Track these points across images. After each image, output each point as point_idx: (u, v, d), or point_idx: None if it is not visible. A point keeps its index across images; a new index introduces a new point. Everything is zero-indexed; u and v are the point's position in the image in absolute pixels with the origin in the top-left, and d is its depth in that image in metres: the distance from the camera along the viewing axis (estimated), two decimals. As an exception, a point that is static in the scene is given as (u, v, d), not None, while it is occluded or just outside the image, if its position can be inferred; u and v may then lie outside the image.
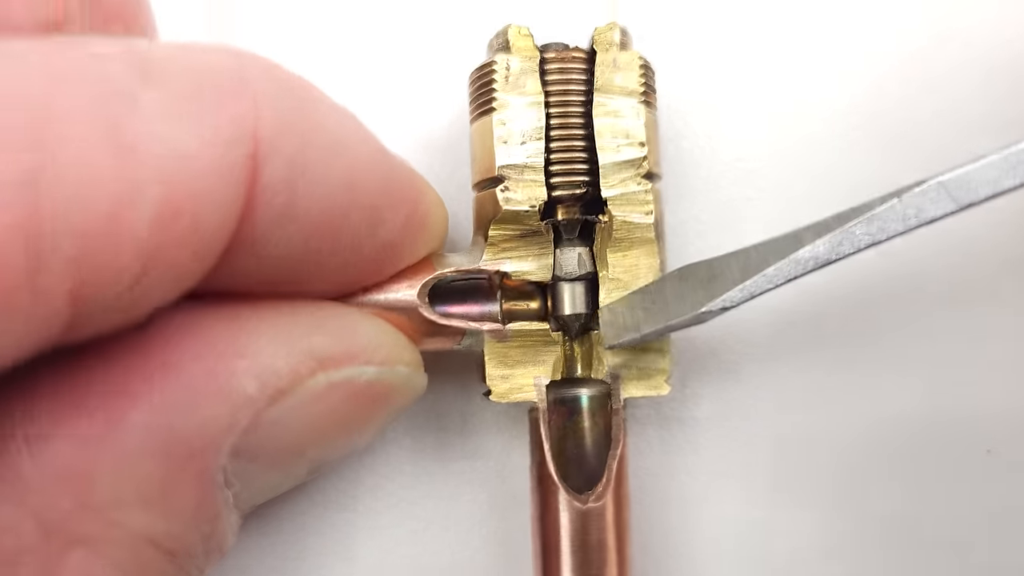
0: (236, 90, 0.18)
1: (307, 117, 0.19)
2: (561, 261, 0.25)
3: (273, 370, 0.20)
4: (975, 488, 0.28)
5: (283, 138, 0.18)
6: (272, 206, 0.18)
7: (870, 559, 0.28)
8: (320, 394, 0.21)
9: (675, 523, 0.28)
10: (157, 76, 0.17)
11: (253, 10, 0.29)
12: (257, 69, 0.19)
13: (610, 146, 0.24)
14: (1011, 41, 0.28)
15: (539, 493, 0.25)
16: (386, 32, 0.29)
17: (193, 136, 0.17)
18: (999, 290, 0.28)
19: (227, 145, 0.17)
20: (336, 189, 0.20)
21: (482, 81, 0.25)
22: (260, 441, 0.20)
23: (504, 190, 0.24)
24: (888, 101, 0.29)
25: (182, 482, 0.19)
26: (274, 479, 0.21)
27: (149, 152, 0.16)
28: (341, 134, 0.20)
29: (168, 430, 0.19)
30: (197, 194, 0.17)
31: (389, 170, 0.21)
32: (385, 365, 0.22)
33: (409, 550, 0.28)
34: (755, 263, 0.22)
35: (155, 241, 0.16)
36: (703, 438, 0.28)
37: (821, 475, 0.28)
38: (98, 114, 0.16)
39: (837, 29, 0.29)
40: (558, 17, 0.29)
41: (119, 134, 0.16)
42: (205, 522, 0.20)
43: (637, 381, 0.25)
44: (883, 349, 0.28)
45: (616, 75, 0.24)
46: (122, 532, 0.18)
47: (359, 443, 0.23)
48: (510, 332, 0.24)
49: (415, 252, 0.23)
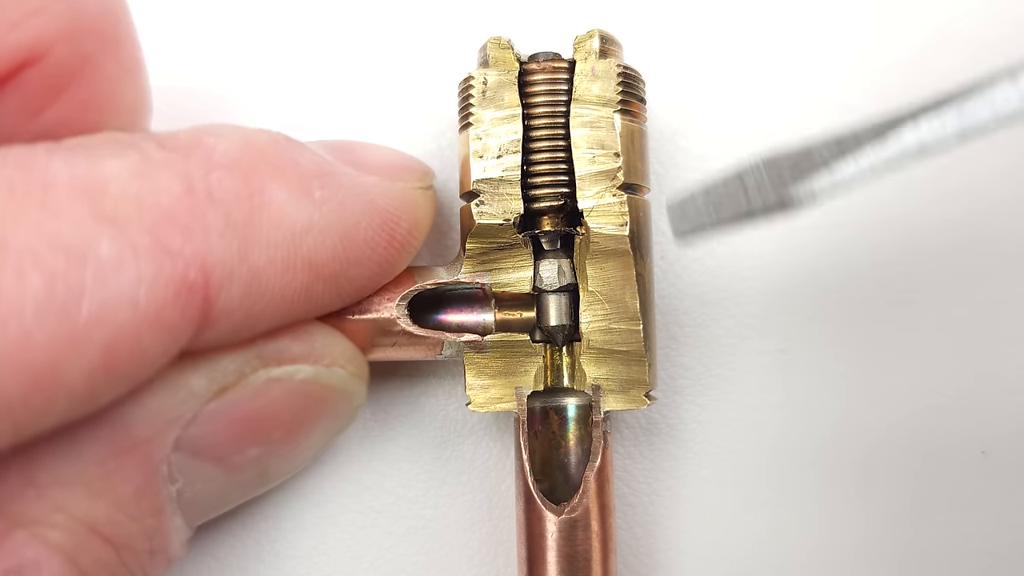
0: (186, 227, 0.18)
1: (260, 223, 0.20)
2: (542, 273, 0.25)
3: (221, 368, 0.21)
4: (970, 489, 0.27)
5: (236, 262, 0.19)
6: (230, 321, 0.19)
7: (859, 563, 0.28)
8: (259, 389, 0.22)
9: (658, 530, 0.28)
10: (110, 219, 0.17)
11: (252, 9, 0.30)
12: (206, 186, 0.19)
13: (586, 157, 0.24)
14: (1009, 38, 0.27)
15: (520, 502, 0.25)
16: (386, 33, 0.29)
17: (142, 292, 0.17)
18: (996, 291, 0.28)
19: (175, 296, 0.18)
20: (296, 280, 0.20)
21: (461, 96, 0.25)
22: (201, 433, 0.21)
23: (479, 204, 0.24)
24: (887, 101, 0.28)
25: (125, 467, 0.20)
26: (218, 480, 0.22)
27: (92, 312, 0.17)
28: (299, 219, 0.20)
29: (114, 418, 0.20)
30: (136, 346, 0.18)
31: (354, 228, 0.22)
32: (323, 367, 0.23)
33: (407, 549, 0.28)
34: (849, 146, 0.20)
35: (88, 389, 0.17)
36: (687, 446, 0.28)
37: (807, 481, 0.28)
38: (47, 275, 0.16)
39: (836, 29, 0.29)
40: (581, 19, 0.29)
41: (67, 295, 0.17)
42: (148, 515, 0.21)
43: (618, 394, 0.25)
44: (873, 354, 0.28)
45: (594, 84, 0.24)
46: (64, 517, 0.19)
47: (303, 451, 0.24)
48: (488, 343, 0.25)
49: (396, 271, 0.24)
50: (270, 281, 0.20)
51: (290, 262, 0.20)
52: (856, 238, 0.28)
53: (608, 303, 0.24)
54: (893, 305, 0.28)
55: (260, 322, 0.21)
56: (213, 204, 0.19)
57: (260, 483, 0.23)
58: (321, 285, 0.21)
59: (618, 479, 0.28)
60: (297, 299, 0.21)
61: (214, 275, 0.19)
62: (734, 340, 0.28)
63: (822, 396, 0.28)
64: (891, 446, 0.28)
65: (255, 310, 0.20)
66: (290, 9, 0.29)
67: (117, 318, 0.17)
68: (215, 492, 0.22)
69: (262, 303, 0.20)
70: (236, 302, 0.19)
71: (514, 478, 0.28)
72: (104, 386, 0.18)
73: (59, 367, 0.17)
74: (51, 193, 0.17)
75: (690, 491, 0.28)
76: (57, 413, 0.17)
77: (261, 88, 0.29)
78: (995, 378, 0.28)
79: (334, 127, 0.29)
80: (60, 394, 0.17)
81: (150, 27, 0.27)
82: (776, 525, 0.28)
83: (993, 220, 0.28)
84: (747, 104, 0.29)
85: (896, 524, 0.28)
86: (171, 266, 0.18)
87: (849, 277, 0.28)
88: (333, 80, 0.29)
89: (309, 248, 0.20)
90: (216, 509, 0.23)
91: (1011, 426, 0.28)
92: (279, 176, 0.20)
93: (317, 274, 0.21)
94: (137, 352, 0.18)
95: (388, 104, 0.29)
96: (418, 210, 0.24)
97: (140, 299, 0.17)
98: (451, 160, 0.29)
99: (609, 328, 0.24)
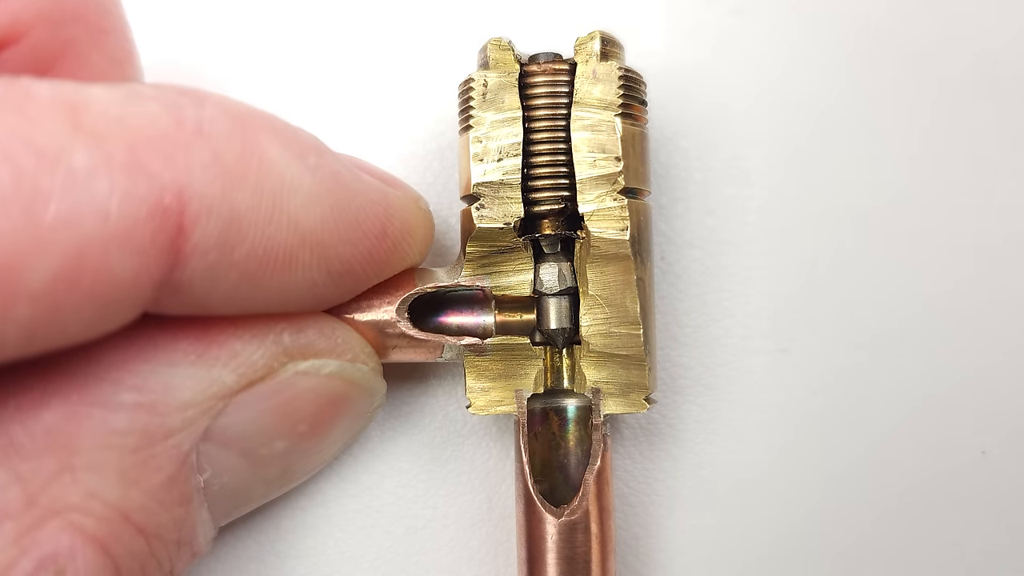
0: (169, 154, 0.18)
1: (249, 168, 0.19)
2: (543, 276, 0.25)
3: (250, 363, 0.21)
4: (970, 489, 0.28)
5: (217, 199, 0.18)
6: (205, 260, 0.19)
7: (860, 563, 0.28)
8: (287, 381, 0.22)
9: (658, 530, 0.28)
10: (89, 132, 0.17)
11: (253, 7, 0.29)
12: (196, 121, 0.19)
13: (587, 161, 0.24)
14: (1012, 43, 0.27)
15: (520, 504, 0.25)
16: (385, 33, 0.29)
17: (113, 205, 0.17)
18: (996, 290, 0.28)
19: (148, 216, 0.18)
20: (279, 235, 0.20)
21: (462, 98, 0.25)
22: (230, 423, 0.21)
23: (479, 208, 0.24)
24: (887, 101, 0.28)
25: (158, 456, 0.20)
26: (244, 473, 0.22)
27: (60, 215, 0.16)
28: (289, 176, 0.20)
29: (150, 410, 0.20)
30: (104, 261, 0.17)
31: (346, 202, 0.21)
32: (347, 362, 0.23)
33: (407, 549, 0.28)
34: None
35: (51, 297, 0.17)
36: (687, 446, 0.28)
37: (807, 481, 0.28)
38: (15, 172, 0.16)
39: (836, 29, 0.28)
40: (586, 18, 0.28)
41: (35, 193, 0.16)
42: (177, 504, 0.21)
43: (618, 397, 0.25)
44: (873, 354, 0.28)
45: (595, 87, 0.24)
46: (98, 504, 0.19)
47: (325, 449, 0.24)
48: (489, 346, 0.25)
49: (390, 270, 0.24)
50: (251, 228, 0.19)
51: (274, 214, 0.20)
52: (856, 238, 0.28)
53: (608, 307, 0.24)
54: (893, 304, 0.28)
55: (242, 279, 0.20)
56: (201, 138, 0.19)
57: (282, 481, 0.24)
58: (307, 253, 0.21)
59: (617, 479, 0.28)
60: (280, 261, 0.20)
61: (191, 205, 0.18)
62: (734, 340, 0.28)
63: (822, 396, 0.28)
64: (891, 446, 0.28)
65: (234, 257, 0.19)
66: (290, 8, 0.29)
67: (84, 226, 0.17)
68: (240, 486, 0.23)
69: (241, 251, 0.19)
70: (212, 240, 0.19)
71: (514, 479, 0.28)
72: (69, 303, 0.17)
73: (21, 263, 0.16)
74: (31, 103, 0.17)
75: (689, 491, 0.28)
76: (17, 322, 0.17)
77: (261, 87, 0.29)
78: (995, 378, 0.28)
79: (334, 127, 0.29)
80: (21, 296, 0.16)
81: (147, 27, 0.27)
82: (776, 525, 0.28)
83: (994, 220, 0.28)
84: (746, 104, 0.29)
85: (896, 524, 0.28)
86: (147, 186, 0.17)
87: (849, 277, 0.28)
88: (333, 79, 0.29)
89: (296, 207, 0.20)
90: (239, 507, 0.23)
91: (1011, 426, 0.28)
92: (276, 134, 0.20)
93: (303, 238, 0.20)
94: (104, 268, 0.17)
95: (388, 104, 0.29)
96: (412, 217, 0.24)
97: (111, 211, 0.17)
98: (451, 160, 0.29)
99: (609, 332, 0.24)
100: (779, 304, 0.28)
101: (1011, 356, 0.28)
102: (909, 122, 0.28)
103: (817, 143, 0.28)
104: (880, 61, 0.28)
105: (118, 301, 0.18)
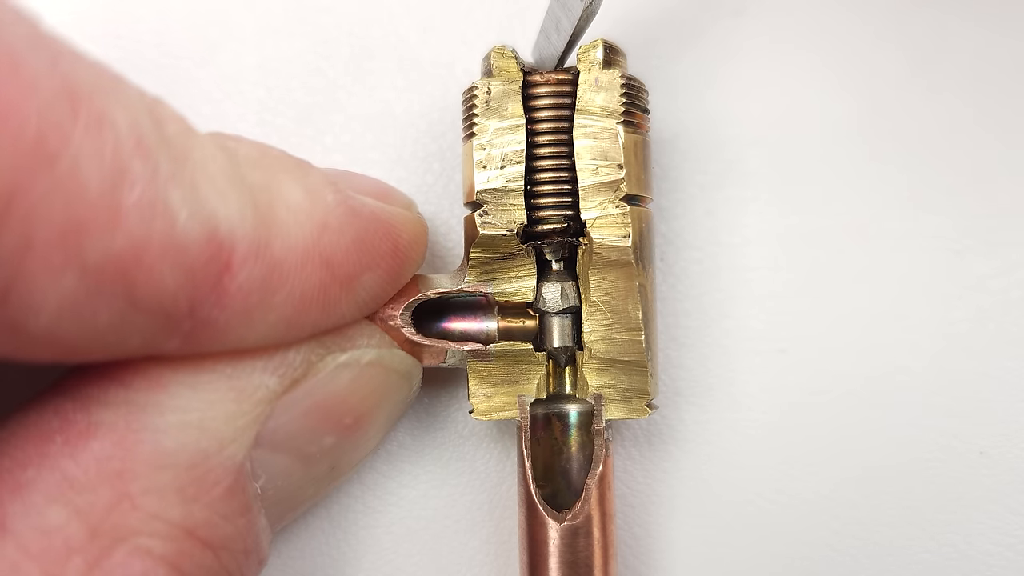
0: (223, 192, 0.19)
1: (277, 212, 0.20)
2: (545, 295, 0.25)
3: (288, 362, 0.22)
4: (970, 489, 0.28)
5: (263, 245, 0.19)
6: (246, 302, 0.19)
7: (860, 563, 0.28)
8: (328, 376, 0.22)
9: (658, 531, 0.28)
10: (172, 146, 0.18)
11: (250, 9, 0.29)
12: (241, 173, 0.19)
13: (589, 168, 0.24)
14: (1007, 48, 0.27)
15: (522, 509, 0.25)
16: (385, 33, 0.29)
17: (183, 216, 0.18)
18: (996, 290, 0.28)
19: (205, 240, 0.18)
20: (314, 275, 0.20)
21: (465, 106, 0.25)
22: (279, 426, 0.22)
23: (483, 214, 0.24)
24: (886, 101, 0.28)
25: (213, 469, 0.20)
26: (296, 474, 0.23)
27: (138, 204, 0.17)
28: (315, 216, 0.21)
29: (199, 427, 0.20)
30: (157, 263, 0.18)
31: (363, 231, 0.22)
32: (385, 349, 0.24)
33: (408, 549, 0.28)
34: None
35: (98, 277, 0.17)
36: (688, 447, 0.28)
37: (808, 482, 0.28)
38: (118, 147, 0.17)
39: (836, 30, 0.28)
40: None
41: (124, 174, 0.17)
42: (239, 514, 0.21)
43: (619, 403, 0.25)
44: (869, 355, 0.28)
45: (597, 95, 0.24)
46: (162, 524, 0.20)
47: (370, 439, 0.24)
48: (492, 352, 0.25)
49: (403, 283, 0.24)
50: (289, 272, 0.20)
51: (308, 256, 0.20)
52: (855, 239, 0.28)
53: (610, 313, 0.24)
54: (892, 305, 0.28)
55: (279, 321, 0.21)
56: (244, 185, 0.20)
57: (330, 478, 0.24)
58: (337, 287, 0.21)
59: (618, 480, 0.28)
60: (314, 299, 0.21)
61: (239, 247, 0.19)
62: (733, 341, 0.29)
63: (821, 396, 0.28)
64: (890, 446, 0.28)
65: (274, 300, 0.20)
66: (290, 8, 0.29)
67: (154, 223, 0.17)
68: (293, 488, 0.23)
69: (281, 295, 0.20)
70: (257, 283, 0.19)
71: (515, 480, 0.28)
72: (112, 290, 0.18)
73: (89, 230, 0.17)
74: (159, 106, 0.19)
75: (690, 492, 0.28)
76: (61, 292, 0.17)
77: (262, 86, 0.29)
78: (994, 378, 0.28)
79: (334, 126, 0.29)
80: (74, 264, 0.17)
81: (145, 26, 0.27)
82: (777, 525, 0.28)
83: (994, 220, 0.28)
84: (746, 104, 0.29)
85: (896, 524, 0.28)
86: (208, 213, 0.18)
87: (847, 277, 0.28)
88: (333, 80, 0.29)
89: (325, 246, 0.21)
90: (292, 509, 0.24)
91: (1011, 426, 0.28)
92: (296, 178, 0.21)
93: (333, 274, 0.21)
94: (155, 270, 0.18)
95: (388, 104, 0.29)
96: (412, 227, 0.24)
97: (179, 221, 0.18)
98: (451, 161, 0.29)
99: (611, 338, 0.25)
100: (778, 305, 0.28)
101: (1012, 355, 0.28)
102: (909, 124, 0.28)
103: (817, 145, 0.28)
104: (880, 62, 0.28)
105: (152, 311, 0.18)
